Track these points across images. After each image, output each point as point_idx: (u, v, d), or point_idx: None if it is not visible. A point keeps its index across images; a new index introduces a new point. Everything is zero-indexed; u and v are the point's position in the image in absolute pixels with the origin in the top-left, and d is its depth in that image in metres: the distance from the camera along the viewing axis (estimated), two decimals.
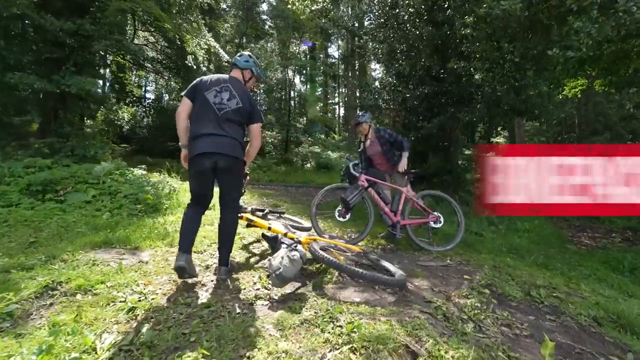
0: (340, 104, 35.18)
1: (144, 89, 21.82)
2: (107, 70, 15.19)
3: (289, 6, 7.65)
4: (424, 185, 5.98)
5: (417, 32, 4.74)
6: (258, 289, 2.18)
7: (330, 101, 34.20)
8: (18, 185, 3.97)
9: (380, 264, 2.71)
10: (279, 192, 8.15)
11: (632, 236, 4.92)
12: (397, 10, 4.97)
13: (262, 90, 18.50)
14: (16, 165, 4.50)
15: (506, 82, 3.89)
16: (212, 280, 2.27)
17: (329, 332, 1.59)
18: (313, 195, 7.78)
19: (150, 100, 18.07)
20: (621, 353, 1.94)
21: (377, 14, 5.44)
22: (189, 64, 9.28)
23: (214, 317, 1.69)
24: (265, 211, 3.07)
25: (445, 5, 4.19)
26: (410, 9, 4.73)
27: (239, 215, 2.43)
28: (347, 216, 3.59)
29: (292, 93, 17.89)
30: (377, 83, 6.44)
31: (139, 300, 1.81)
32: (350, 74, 27.03)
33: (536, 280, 2.78)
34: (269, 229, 2.73)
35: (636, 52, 9.38)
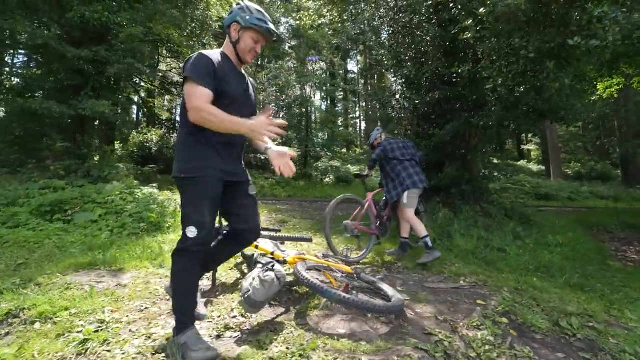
0: (362, 117, 35.44)
1: (173, 112, 23.05)
2: (137, 96, 16.15)
3: (298, 22, 7.71)
4: (441, 196, 5.57)
5: (424, 36, 4.50)
6: (234, 317, 1.97)
7: (350, 115, 34.49)
8: (30, 207, 4.10)
9: (377, 285, 2.41)
10: (292, 207, 8.01)
11: None
12: (401, 15, 4.78)
13: (280, 106, 18.85)
14: (33, 187, 4.70)
15: (524, 81, 3.52)
16: None
17: None
18: (324, 209, 7.59)
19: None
20: None
21: (383, 21, 5.28)
22: None
23: (166, 355, 1.49)
24: None
25: (451, 5, 3.94)
26: (415, 14, 4.52)
27: (175, 252, 1.50)
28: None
29: (310, 109, 18.02)
30: (387, 92, 6.18)
31: (96, 331, 1.66)
32: (369, 88, 27.15)
33: (568, 307, 2.34)
34: (256, 247, 2.54)
35: None
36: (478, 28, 3.12)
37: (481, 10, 2.87)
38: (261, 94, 18.94)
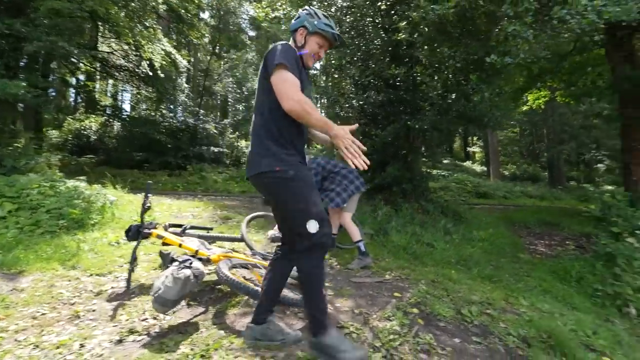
0: (323, 114, 35.56)
1: (118, 98, 21.18)
2: (73, 78, 14.58)
3: (254, 14, 7.51)
4: (383, 194, 5.83)
5: (370, 39, 4.65)
6: (144, 319, 1.89)
7: None
8: None
9: None
10: (242, 203, 7.83)
11: (585, 243, 4.88)
12: (348, 16, 4.88)
13: (238, 99, 18.28)
14: None
15: (453, 88, 3.82)
16: (93, 310, 1.96)
17: None
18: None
19: (126, 112, 17.49)
20: None
21: (333, 20, 5.34)
22: (144, 70, 8.93)
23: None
24: (185, 226, 2.77)
25: (392, 12, 4.12)
26: (362, 17, 4.65)
27: (303, 254, 1.44)
28: None
29: None
30: (335, 91, 6.29)
31: None
32: (330, 85, 27.36)
33: (473, 296, 2.60)
34: (180, 246, 2.45)
35: (591, 64, 9.77)
36: (413, 34, 3.31)
37: (414, 14, 3.04)
38: (217, 84, 18.22)
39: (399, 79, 5.05)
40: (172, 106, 15.05)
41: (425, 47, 3.41)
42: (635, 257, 3.36)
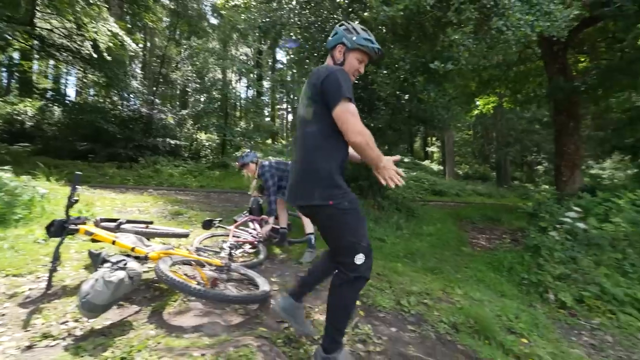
0: (289, 109, 35.24)
1: (61, 81, 19.18)
2: (4, 56, 12.92)
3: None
4: None
5: (327, 37, 4.65)
6: (64, 322, 1.73)
7: (278, 107, 34.03)
8: None
9: (250, 276, 2.43)
10: (197, 198, 7.53)
11: (519, 237, 5.36)
12: (307, 12, 4.86)
13: (197, 89, 17.44)
14: None
15: (405, 89, 3.98)
16: (2, 315, 1.76)
17: None
18: (234, 201, 7.35)
19: (70, 97, 15.86)
20: None
21: (292, 14, 5.28)
22: (87, 51, 8.17)
23: None
24: (120, 221, 2.59)
25: (350, 10, 4.18)
26: (319, 12, 4.65)
27: (345, 282, 1.43)
28: None
29: (230, 95, 17.11)
30: (293, 85, 6.23)
31: None
32: (297, 79, 27.02)
33: (413, 287, 2.74)
34: (113, 243, 2.28)
35: (533, 74, 10.72)
36: None
37: (366, 14, 3.11)
38: (175, 72, 17.21)
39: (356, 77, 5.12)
40: (124, 93, 13.95)
41: None
42: (556, 248, 3.76)
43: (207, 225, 3.39)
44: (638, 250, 3.77)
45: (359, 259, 1.39)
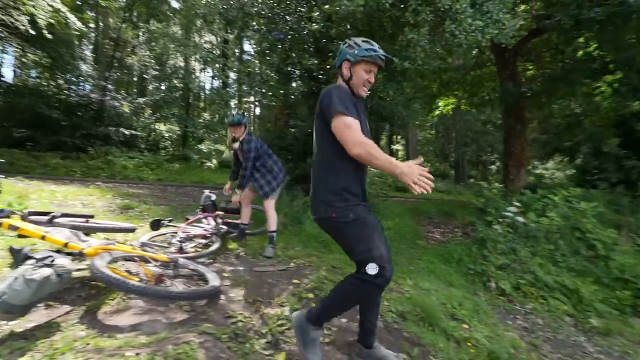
0: (256, 102, 34.42)
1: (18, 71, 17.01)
2: None
3: None
4: (302, 184, 5.90)
5: (290, 27, 4.60)
6: None
7: (245, 99, 33.14)
8: None
9: (200, 272, 2.34)
10: (151, 192, 7.11)
11: (470, 231, 5.72)
12: (270, 1, 4.75)
13: (157, 77, 16.44)
14: None
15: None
16: None
17: None
18: (192, 196, 7.04)
19: (5, 78, 14.08)
20: (411, 347, 1.98)
21: (255, 3, 5.13)
22: (23, 26, 7.33)
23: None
24: (54, 214, 2.36)
25: (313, 1, 4.15)
26: (280, 3, 4.56)
27: (357, 281, 1.43)
28: None
29: (192, 85, 16.33)
30: (257, 78, 6.10)
31: None
32: (267, 71, 26.50)
33: None
34: (43, 238, 2.07)
35: (487, 79, 11.44)
36: (326, 26, 3.38)
37: (326, 7, 3.10)
38: (132, 57, 16.06)
39: (321, 71, 5.13)
40: (71, 77, 12.72)
41: (339, 41, 3.52)
42: (499, 240, 4.08)
43: (155, 225, 3.16)
44: (568, 241, 4.20)
45: (371, 268, 1.38)
